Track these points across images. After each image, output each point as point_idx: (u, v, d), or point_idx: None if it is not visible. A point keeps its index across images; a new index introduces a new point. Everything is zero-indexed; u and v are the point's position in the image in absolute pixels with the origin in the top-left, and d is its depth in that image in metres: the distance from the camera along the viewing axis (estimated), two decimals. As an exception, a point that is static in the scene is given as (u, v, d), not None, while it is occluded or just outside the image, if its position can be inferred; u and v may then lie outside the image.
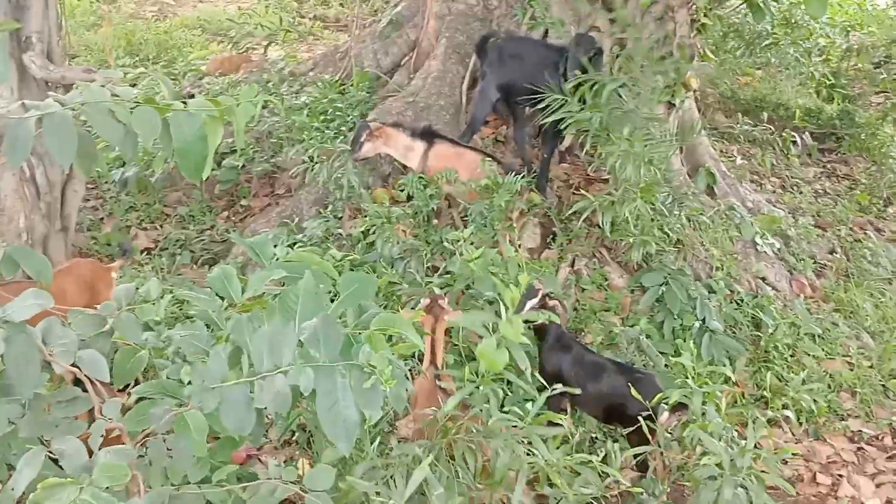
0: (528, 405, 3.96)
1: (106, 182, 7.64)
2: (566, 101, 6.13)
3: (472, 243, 5.77)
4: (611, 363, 4.96)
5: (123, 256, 5.60)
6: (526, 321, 3.89)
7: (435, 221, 6.49)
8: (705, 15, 7.27)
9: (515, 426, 3.86)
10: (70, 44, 6.87)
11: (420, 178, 6.45)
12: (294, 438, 4.93)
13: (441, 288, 5.57)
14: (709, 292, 6.24)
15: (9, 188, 5.55)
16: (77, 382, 2.71)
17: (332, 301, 2.78)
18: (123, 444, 2.57)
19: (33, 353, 2.37)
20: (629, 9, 7.10)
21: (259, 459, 4.71)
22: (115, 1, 13.60)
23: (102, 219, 7.38)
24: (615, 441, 4.85)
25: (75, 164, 2.61)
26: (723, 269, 6.54)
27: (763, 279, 6.91)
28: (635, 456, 4.43)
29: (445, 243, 5.97)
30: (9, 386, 2.38)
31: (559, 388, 4.04)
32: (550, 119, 6.27)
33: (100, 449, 2.45)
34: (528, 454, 3.76)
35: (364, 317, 2.66)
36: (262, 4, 11.59)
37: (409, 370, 4.33)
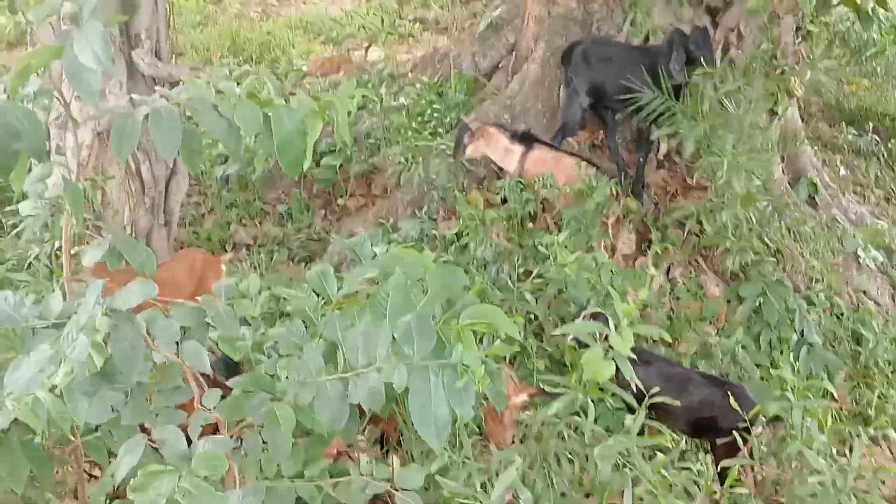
0: (628, 418, 3.92)
1: (208, 179, 7.80)
2: (665, 104, 6.06)
3: (566, 248, 5.74)
4: (698, 375, 4.87)
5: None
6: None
7: (529, 225, 6.48)
8: (811, 22, 7.12)
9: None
10: (177, 42, 7.02)
11: (518, 181, 6.44)
12: (385, 437, 4.96)
13: (533, 292, 5.55)
14: (808, 305, 6.10)
15: (115, 182, 5.70)
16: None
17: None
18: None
19: (139, 342, 2.43)
20: (733, 14, 6.99)
21: (350, 456, 4.75)
22: (221, 1, 13.86)
23: (204, 214, 7.53)
24: (707, 452, 4.78)
25: (181, 159, 2.68)
26: (823, 282, 6.39)
27: (864, 293, 6.73)
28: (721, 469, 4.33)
29: (539, 247, 5.94)
30: (112, 374, 2.44)
31: (657, 398, 4.00)
32: (646, 122, 6.23)
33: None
34: (624, 466, 3.73)
35: (454, 308, 2.65)
36: (363, 6, 11.70)
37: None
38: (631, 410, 4.10)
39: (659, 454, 4.12)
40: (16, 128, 2.41)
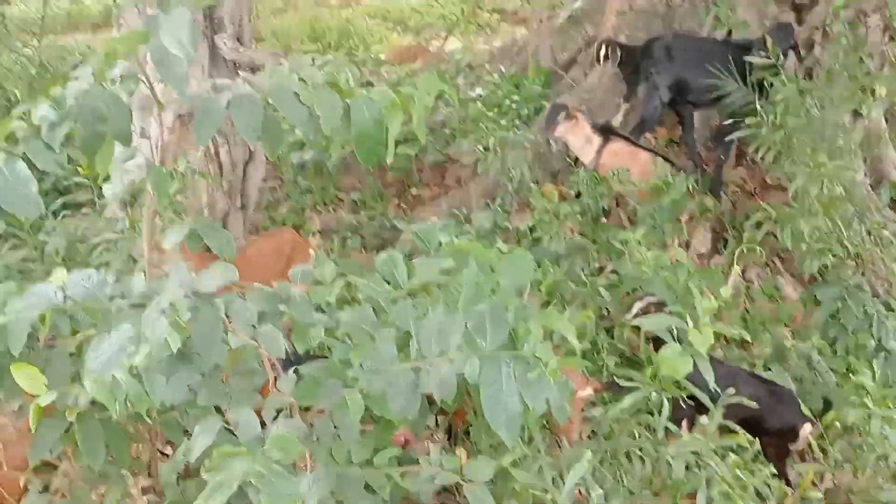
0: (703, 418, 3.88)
1: (284, 164, 7.87)
2: (747, 100, 5.97)
3: (640, 244, 5.68)
4: (746, 374, 4.78)
5: None
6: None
7: (603, 220, 6.43)
8: (899, 21, 6.96)
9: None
10: (258, 28, 7.12)
11: (593, 175, 6.40)
12: (453, 428, 4.96)
13: (607, 288, 5.50)
14: (887, 311, 5.95)
15: (194, 165, 5.78)
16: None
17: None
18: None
19: (218, 325, 2.46)
20: (819, 12, 6.86)
21: (415, 446, 4.77)
22: (301, -12, 13.99)
23: (279, 200, 7.61)
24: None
25: (262, 145, 2.70)
26: (903, 288, 6.25)
27: (947, 300, 6.56)
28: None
29: (614, 243, 5.89)
30: (189, 355, 2.47)
31: (734, 398, 3.95)
32: (726, 118, 6.14)
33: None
34: (696, 466, 3.69)
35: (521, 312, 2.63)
36: (443, -4, 11.73)
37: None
38: (699, 409, 4.05)
39: (731, 455, 4.07)
40: (102, 111, 2.46)
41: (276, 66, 2.77)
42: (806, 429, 4.31)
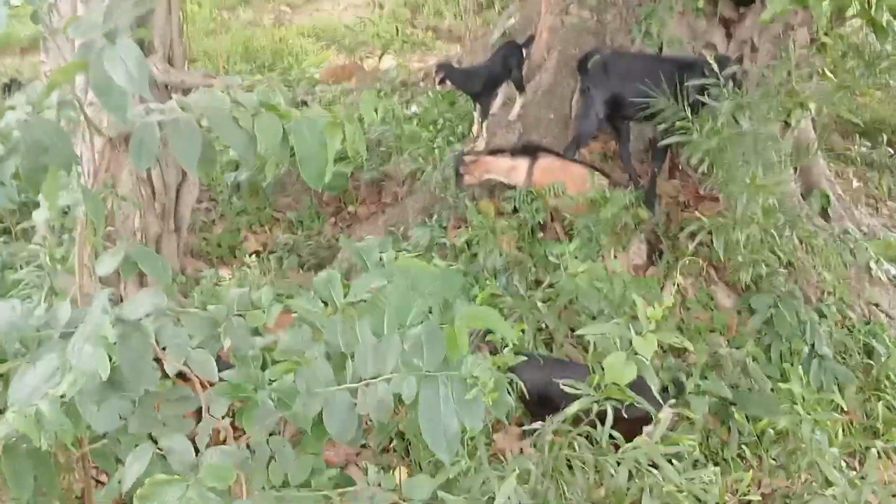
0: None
1: (218, 185, 7.82)
2: (681, 116, 6.04)
3: (576, 257, 5.72)
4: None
5: None
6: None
7: (540, 234, 6.47)
8: (825, 34, 7.10)
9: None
10: (189, 49, 7.04)
11: (528, 191, 6.43)
12: (392, 446, 4.95)
13: (544, 301, 5.53)
14: (819, 317, 6.06)
15: (125, 189, 5.71)
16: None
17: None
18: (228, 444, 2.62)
19: (147, 351, 2.43)
20: (746, 26, 6.98)
21: (357, 465, 4.75)
22: (234, 9, 13.91)
23: (214, 221, 7.56)
24: (716, 465, 4.76)
25: (196, 168, 2.67)
26: (834, 294, 6.36)
27: (876, 305, 6.70)
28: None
29: (550, 257, 5.93)
30: (120, 382, 2.44)
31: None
32: (660, 132, 6.21)
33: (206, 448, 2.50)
34: (637, 474, 3.71)
35: (450, 314, 2.63)
36: (376, 14, 11.72)
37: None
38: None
39: (669, 465, 4.10)
40: (43, 143, 2.41)
41: (210, 89, 2.74)
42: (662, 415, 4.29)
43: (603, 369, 3.60)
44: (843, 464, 4.51)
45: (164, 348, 2.65)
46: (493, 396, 2.37)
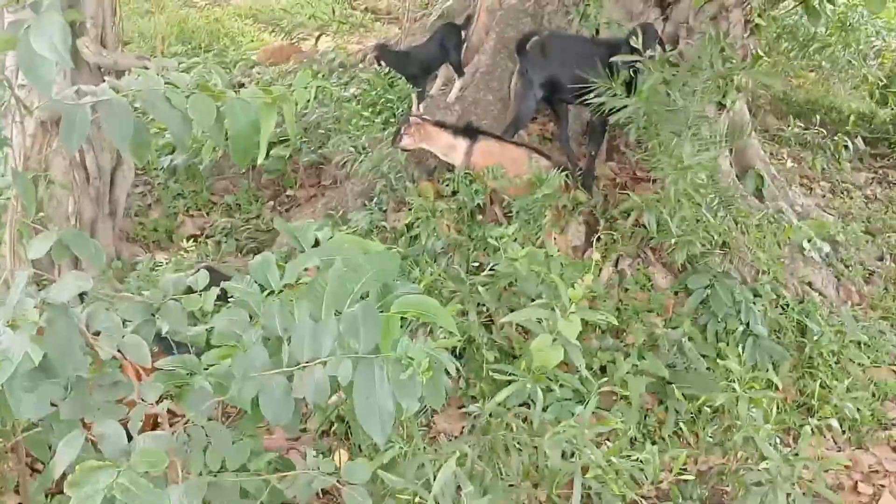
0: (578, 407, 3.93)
1: (154, 169, 7.72)
2: (614, 95, 6.07)
3: (515, 240, 5.73)
4: None
5: None
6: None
7: (479, 217, 6.47)
8: (759, 16, 7.19)
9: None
10: (123, 30, 6.93)
11: (466, 173, 6.43)
12: (332, 429, 4.94)
13: (484, 285, 5.54)
14: (754, 296, 6.13)
15: (59, 172, 5.62)
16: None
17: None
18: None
19: (75, 335, 2.39)
20: (682, 7, 7.04)
21: (298, 451, 4.73)
22: (169, -11, 13.72)
23: (150, 205, 7.46)
24: (654, 443, 4.82)
25: (129, 151, 2.64)
26: (769, 273, 6.44)
27: (810, 284, 6.80)
28: None
29: (490, 240, 5.93)
30: (51, 368, 2.40)
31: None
32: (597, 114, 6.25)
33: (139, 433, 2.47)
34: (573, 455, 3.75)
35: (389, 297, 2.62)
36: (314, -5, 11.64)
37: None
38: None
39: (607, 443, 4.15)
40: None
41: (142, 70, 2.70)
42: None
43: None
44: (777, 440, 4.59)
45: (97, 333, 2.62)
46: (428, 375, 2.37)
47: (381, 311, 2.49)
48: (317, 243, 3.15)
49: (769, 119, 9.94)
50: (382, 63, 7.43)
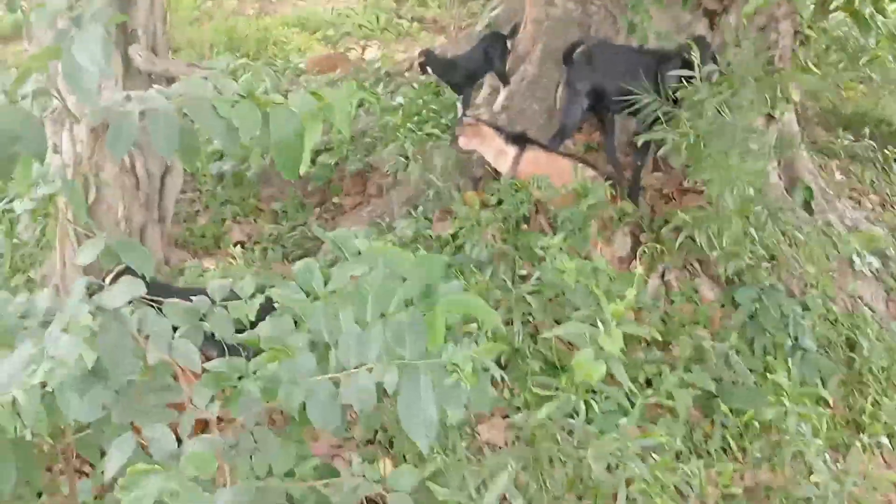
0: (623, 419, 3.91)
1: (203, 175, 7.78)
2: (664, 107, 6.03)
3: (561, 249, 5.71)
4: None
5: None
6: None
7: (524, 227, 6.46)
8: (809, 27, 7.12)
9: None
10: (173, 38, 7.01)
11: (512, 182, 6.42)
12: (376, 438, 4.94)
13: (530, 294, 5.52)
14: (802, 310, 6.05)
15: (109, 178, 5.68)
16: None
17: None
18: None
19: (126, 340, 2.41)
20: (731, 18, 6.99)
21: (342, 458, 4.74)
22: (217, -3, 13.86)
23: (198, 211, 7.52)
24: (700, 457, 4.77)
25: (178, 157, 2.66)
26: (818, 287, 6.35)
27: (859, 298, 6.70)
28: None
29: (536, 249, 5.91)
30: (102, 371, 2.42)
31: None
32: (643, 125, 6.22)
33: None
34: (617, 467, 3.72)
35: (434, 296, 2.60)
36: (360, 4, 11.68)
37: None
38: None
39: (653, 456, 4.11)
40: (15, 131, 2.39)
41: (191, 77, 2.72)
42: None
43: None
44: (827, 457, 4.53)
45: (147, 337, 2.64)
46: (472, 382, 2.36)
47: (426, 312, 2.47)
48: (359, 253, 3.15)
49: (818, 131, 9.81)
50: (428, 70, 7.45)
